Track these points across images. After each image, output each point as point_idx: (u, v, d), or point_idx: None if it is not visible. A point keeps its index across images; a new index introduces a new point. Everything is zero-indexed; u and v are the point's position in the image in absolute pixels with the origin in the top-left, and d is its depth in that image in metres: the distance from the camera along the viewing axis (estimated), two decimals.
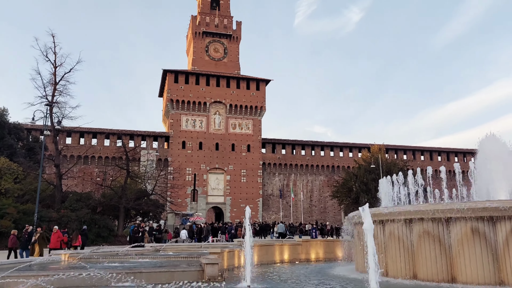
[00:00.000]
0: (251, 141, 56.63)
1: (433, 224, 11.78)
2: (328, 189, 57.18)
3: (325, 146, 61.51)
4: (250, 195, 54.71)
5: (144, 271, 11.60)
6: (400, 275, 12.34)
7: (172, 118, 54.60)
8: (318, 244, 22.43)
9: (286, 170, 58.73)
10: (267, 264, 18.58)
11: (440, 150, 64.56)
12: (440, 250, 11.54)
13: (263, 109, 57.11)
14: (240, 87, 57.33)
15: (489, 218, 10.83)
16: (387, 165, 46.78)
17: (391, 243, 12.88)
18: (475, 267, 10.80)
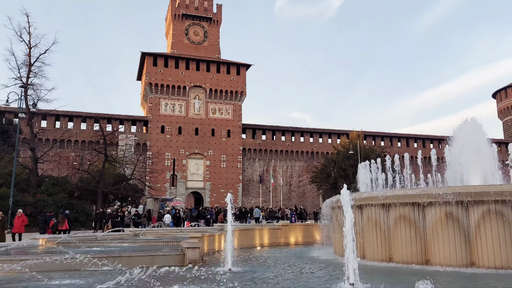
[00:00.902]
0: (231, 126, 56.50)
1: (409, 208, 12.13)
2: (307, 175, 57.82)
3: (305, 132, 61.93)
4: (230, 181, 54.82)
5: (124, 255, 11.57)
6: (377, 258, 12.70)
7: (151, 102, 53.85)
8: (297, 228, 22.79)
9: (266, 156, 59.00)
10: (247, 248, 18.78)
11: (416, 136, 65.95)
12: (415, 234, 11.91)
13: (243, 94, 56.90)
14: (220, 71, 56.85)
15: (462, 203, 11.22)
16: (365, 151, 47.55)
17: (368, 227, 13.20)
18: (448, 250, 11.21)
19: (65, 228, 23.04)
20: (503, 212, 10.70)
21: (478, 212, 10.98)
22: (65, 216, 23.73)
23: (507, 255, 10.52)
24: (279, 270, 11.04)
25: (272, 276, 9.74)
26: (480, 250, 10.85)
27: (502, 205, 10.73)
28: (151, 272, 7.33)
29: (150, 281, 7.48)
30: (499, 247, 10.60)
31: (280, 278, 9.45)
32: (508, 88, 70.93)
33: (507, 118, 71.40)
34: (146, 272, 7.36)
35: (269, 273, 10.19)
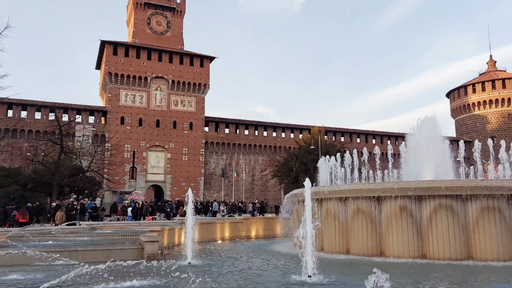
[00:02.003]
0: (193, 119, 55.83)
1: (366, 202, 12.51)
2: (270, 169, 58.22)
3: (268, 126, 62.26)
4: (192, 174, 54.31)
5: (80, 249, 11.24)
6: (335, 251, 13.04)
7: (110, 92, 52.25)
8: (258, 221, 22.97)
9: (229, 149, 58.87)
10: (208, 241, 18.75)
11: (374, 133, 67.98)
12: (371, 227, 12.32)
13: (206, 87, 56.35)
14: (184, 63, 55.94)
15: (415, 197, 11.70)
16: (325, 146, 48.49)
17: (327, 220, 13.51)
18: (401, 242, 11.67)
19: (26, 221, 21.97)
20: (453, 207, 11.26)
21: (430, 206, 11.49)
22: (26, 209, 22.65)
23: (456, 247, 11.09)
24: (239, 263, 11.09)
25: (231, 269, 9.76)
26: (431, 242, 11.37)
27: (453, 200, 11.28)
28: (107, 266, 7.15)
29: (106, 276, 7.29)
30: (449, 240, 11.15)
31: (238, 271, 9.49)
32: (460, 89, 74.45)
33: (459, 117, 74.98)
34: (102, 267, 7.17)
35: (228, 266, 10.20)
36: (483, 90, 70.72)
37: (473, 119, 71.91)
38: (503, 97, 68.71)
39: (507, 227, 10.87)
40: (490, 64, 74.56)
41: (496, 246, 10.79)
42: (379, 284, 5.46)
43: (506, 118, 68.63)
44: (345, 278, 8.34)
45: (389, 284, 5.49)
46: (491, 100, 69.59)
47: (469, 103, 72.29)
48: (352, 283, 5.93)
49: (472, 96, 71.93)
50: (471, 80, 74.33)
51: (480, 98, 70.74)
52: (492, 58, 74.97)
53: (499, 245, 10.81)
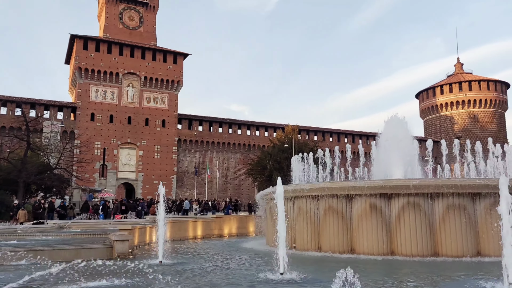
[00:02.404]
0: (166, 116, 55.11)
1: (337, 200, 12.70)
2: (244, 167, 58.21)
3: (242, 124, 62.21)
4: (164, 172, 53.63)
5: (47, 248, 10.90)
6: (307, 248, 13.18)
7: (80, 88, 50.88)
8: (231, 220, 22.95)
9: (202, 147, 58.46)
10: (180, 240, 18.59)
11: (346, 132, 69.12)
12: (342, 224, 12.51)
13: (180, 84, 55.71)
14: (156, 59, 55.10)
15: (385, 195, 11.96)
16: (299, 145, 48.91)
17: (299, 218, 13.64)
18: (371, 239, 11.92)
19: None
20: (421, 204, 11.58)
21: (399, 204, 11.77)
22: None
23: (423, 244, 11.42)
24: (211, 261, 11.04)
25: (203, 267, 9.71)
26: (399, 239, 11.66)
27: (420, 198, 11.60)
28: (75, 266, 6.96)
29: (73, 276, 7.11)
30: (416, 237, 11.46)
31: (210, 269, 9.44)
32: (429, 90, 76.72)
33: (428, 118, 77.26)
34: (70, 266, 6.98)
35: (200, 265, 10.14)
36: (451, 91, 73.08)
37: (441, 120, 74.20)
38: (469, 99, 71.22)
39: (471, 224, 11.27)
40: (457, 67, 77.09)
41: (460, 242, 11.17)
42: (349, 280, 5.56)
43: (472, 119, 71.18)
44: (316, 274, 8.44)
45: (358, 280, 5.59)
46: (458, 101, 71.99)
47: (437, 104, 74.53)
48: (323, 279, 6.01)
49: (440, 97, 74.20)
50: (439, 82, 76.65)
51: (448, 100, 73.06)
52: (460, 61, 77.58)
53: (464, 241, 11.20)
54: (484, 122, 70.86)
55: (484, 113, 71.07)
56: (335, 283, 5.50)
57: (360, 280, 5.57)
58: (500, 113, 72.80)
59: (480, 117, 70.98)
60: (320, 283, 7.12)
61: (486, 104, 70.88)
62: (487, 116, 71.13)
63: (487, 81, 71.91)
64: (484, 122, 70.86)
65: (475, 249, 11.21)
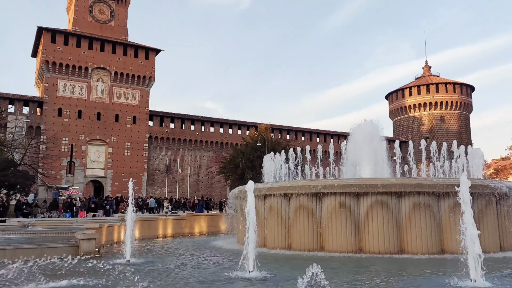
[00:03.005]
0: (137, 113, 54.11)
1: (308, 198, 12.81)
2: (216, 165, 57.94)
3: (215, 122, 61.85)
4: (134, 169, 52.70)
5: (8, 247, 10.51)
6: (277, 246, 13.22)
7: (47, 82, 49.24)
8: (202, 218, 22.76)
9: (174, 145, 57.76)
10: (150, 239, 18.29)
11: (319, 132, 69.98)
12: (312, 223, 12.63)
13: (151, 80, 54.82)
14: (128, 54, 53.98)
15: (354, 194, 12.15)
16: (272, 143, 49.14)
17: (270, 216, 13.67)
18: (340, 237, 12.08)
19: None
20: (388, 203, 11.83)
21: (367, 202, 11.99)
22: None
23: (390, 241, 11.67)
24: (180, 260, 10.91)
25: (172, 266, 9.58)
26: (367, 237, 11.88)
27: (388, 196, 11.85)
28: (39, 265, 6.72)
29: (36, 275, 6.86)
30: (383, 235, 11.71)
31: (179, 268, 9.33)
32: (398, 91, 78.68)
33: (397, 118, 79.23)
34: (33, 266, 6.73)
35: (169, 264, 10.00)
36: (419, 93, 75.19)
37: (409, 121, 76.23)
38: (436, 101, 73.48)
39: (436, 222, 11.61)
40: (425, 69, 79.39)
41: (425, 240, 11.49)
42: (317, 278, 5.61)
43: (438, 121, 73.47)
44: (285, 272, 8.48)
45: (324, 277, 5.66)
46: (426, 103, 74.15)
47: (406, 105, 76.51)
48: (291, 277, 6.05)
49: (409, 99, 76.22)
50: (408, 84, 78.71)
51: (416, 101, 75.14)
52: (428, 64, 79.92)
53: (428, 239, 11.52)
54: (450, 124, 73.28)
55: (450, 115, 73.49)
56: (301, 280, 5.54)
57: (326, 277, 5.63)
58: (465, 115, 75.45)
59: (446, 118, 73.36)
60: (287, 281, 7.16)
61: (452, 106, 73.29)
62: (453, 118, 73.60)
63: (453, 84, 74.38)
64: (450, 124, 73.28)
65: (439, 247, 11.55)
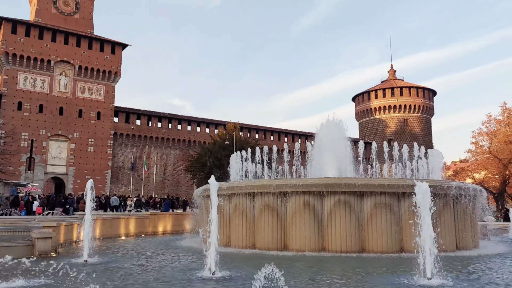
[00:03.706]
0: (102, 108, 52.61)
1: (273, 198, 12.83)
2: (183, 163, 57.20)
3: (182, 120, 61.02)
4: (98, 166, 51.22)
5: None
6: (242, 245, 13.16)
7: (6, 74, 47.08)
8: (166, 217, 22.41)
9: (140, 142, 56.59)
10: (111, 238, 17.82)
11: (287, 131, 70.46)
12: (277, 222, 12.66)
13: (117, 75, 53.43)
14: (93, 48, 52.37)
15: (318, 193, 12.27)
16: (240, 142, 49.01)
17: (235, 215, 13.60)
18: (303, 236, 12.17)
19: None
20: (351, 202, 12.02)
21: (331, 202, 12.13)
22: None
23: (352, 240, 11.86)
24: (141, 260, 10.65)
25: (131, 266, 9.33)
26: (330, 236, 12.02)
27: (351, 196, 12.04)
28: None
29: None
30: (346, 234, 11.88)
31: (139, 268, 9.09)
32: (364, 94, 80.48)
33: (362, 120, 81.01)
34: None
35: (128, 263, 9.74)
36: (384, 96, 77.18)
37: (374, 123, 78.13)
38: (400, 104, 75.66)
39: (396, 222, 11.89)
40: (390, 73, 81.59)
41: (386, 239, 11.74)
42: (273, 276, 5.62)
43: (402, 123, 75.69)
44: (246, 272, 8.42)
45: (282, 276, 5.65)
46: (390, 106, 76.21)
47: (371, 107, 78.38)
48: (251, 276, 6.02)
49: (374, 102, 78.11)
50: (373, 87, 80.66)
51: (381, 104, 77.10)
52: (393, 68, 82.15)
53: (389, 238, 11.78)
54: (413, 126, 75.66)
55: (413, 118, 75.87)
56: (257, 280, 5.53)
57: (284, 277, 5.62)
58: (427, 119, 78.11)
59: (409, 121, 75.69)
60: (246, 281, 7.11)
61: (415, 109, 75.67)
62: (415, 121, 76.02)
63: (416, 88, 76.82)
64: (413, 126, 75.66)
65: (399, 246, 11.83)
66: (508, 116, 51.80)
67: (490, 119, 52.92)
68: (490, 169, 52.18)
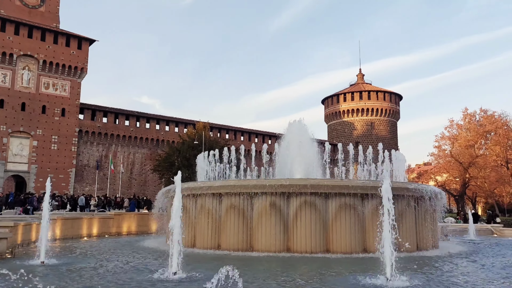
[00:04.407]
0: (67, 105, 50.91)
1: (240, 198, 12.78)
2: (151, 163, 56.16)
3: (151, 118, 59.89)
4: (62, 165, 49.54)
5: None
6: (207, 246, 13.04)
7: None
8: (131, 217, 21.96)
9: (106, 140, 55.13)
10: (72, 238, 17.28)
11: (257, 132, 70.53)
12: (243, 222, 12.61)
13: (84, 71, 51.86)
14: (59, 42, 50.60)
15: (285, 194, 12.31)
16: (210, 142, 48.60)
17: (201, 216, 13.46)
18: (269, 237, 12.18)
19: None
20: (316, 203, 12.12)
21: (297, 202, 12.20)
22: None
23: (317, 241, 11.96)
24: (101, 261, 10.34)
25: (91, 267, 9.03)
26: (295, 237, 12.09)
27: (316, 197, 12.15)
28: None
29: None
30: (311, 234, 11.98)
31: (99, 269, 8.81)
32: (333, 97, 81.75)
33: (331, 123, 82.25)
34: None
35: (87, 265, 9.42)
36: (352, 99, 78.69)
37: (343, 125, 79.51)
38: (368, 107, 77.34)
39: (359, 222, 12.08)
40: (359, 77, 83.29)
41: (349, 240, 11.92)
42: (231, 276, 5.61)
43: (369, 126, 77.39)
44: (208, 273, 8.33)
45: (238, 275, 5.63)
46: (358, 109, 77.78)
47: (340, 110, 79.71)
48: (211, 277, 5.95)
49: (343, 105, 79.49)
50: (342, 90, 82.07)
51: (349, 107, 78.55)
52: (361, 72, 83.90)
53: (353, 239, 11.96)
54: (379, 130, 77.49)
55: (380, 121, 77.72)
56: (213, 281, 5.52)
57: (246, 279, 5.58)
58: (393, 122, 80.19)
59: (376, 124, 77.48)
60: (206, 282, 7.02)
61: (382, 113, 77.53)
62: (382, 124, 77.91)
63: (383, 92, 78.73)
64: (379, 130, 77.49)
65: (362, 246, 12.03)
66: (469, 121, 53.99)
67: (452, 124, 55.01)
68: (452, 172, 54.19)
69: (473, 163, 50.34)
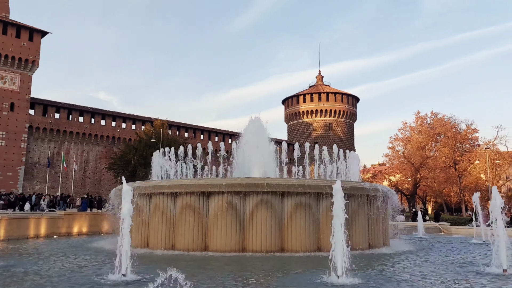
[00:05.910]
0: (16, 99, 48.27)
1: (195, 197, 12.58)
2: (106, 161, 54.40)
3: (107, 115, 57.95)
4: (10, 162, 46.96)
5: None
6: (161, 247, 12.74)
7: None
8: (82, 217, 21.14)
9: (58, 137, 52.81)
10: (18, 239, 16.38)
11: (217, 131, 70.14)
12: (198, 222, 12.42)
13: (35, 64, 49.40)
14: (8, 33, 47.88)
15: (241, 193, 12.24)
16: (168, 140, 47.71)
17: (155, 215, 13.14)
18: (224, 236, 12.07)
19: None
20: (272, 202, 12.15)
21: (253, 202, 12.16)
22: None
23: (272, 240, 11.98)
24: (47, 262, 9.84)
25: (34, 270, 8.55)
26: (251, 236, 12.05)
27: (272, 196, 12.17)
28: None
29: None
30: (266, 234, 11.98)
31: (44, 272, 8.36)
32: (293, 98, 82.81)
33: (291, 123, 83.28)
34: None
35: (32, 267, 8.93)
36: (311, 100, 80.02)
37: (302, 126, 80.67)
38: (326, 109, 78.93)
39: (314, 221, 12.22)
40: (318, 79, 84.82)
41: (304, 238, 12.03)
42: (174, 277, 5.53)
43: (327, 127, 79.02)
44: (159, 274, 8.13)
45: (182, 276, 5.54)
46: (317, 110, 79.20)
47: (300, 111, 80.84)
48: (159, 279, 5.79)
49: (302, 105, 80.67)
50: (302, 91, 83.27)
51: (309, 108, 79.83)
52: (321, 74, 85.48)
53: (307, 237, 12.08)
54: (337, 131, 79.29)
55: (338, 122, 79.54)
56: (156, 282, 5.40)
57: (197, 279, 5.47)
58: (350, 123, 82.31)
59: (334, 125, 79.23)
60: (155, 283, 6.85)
61: (339, 114, 79.37)
62: (340, 125, 79.78)
63: (341, 94, 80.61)
64: (337, 131, 79.29)
65: (317, 245, 12.18)
66: (421, 124, 56.34)
67: (406, 126, 57.20)
68: (404, 172, 56.35)
69: (424, 164, 52.56)
